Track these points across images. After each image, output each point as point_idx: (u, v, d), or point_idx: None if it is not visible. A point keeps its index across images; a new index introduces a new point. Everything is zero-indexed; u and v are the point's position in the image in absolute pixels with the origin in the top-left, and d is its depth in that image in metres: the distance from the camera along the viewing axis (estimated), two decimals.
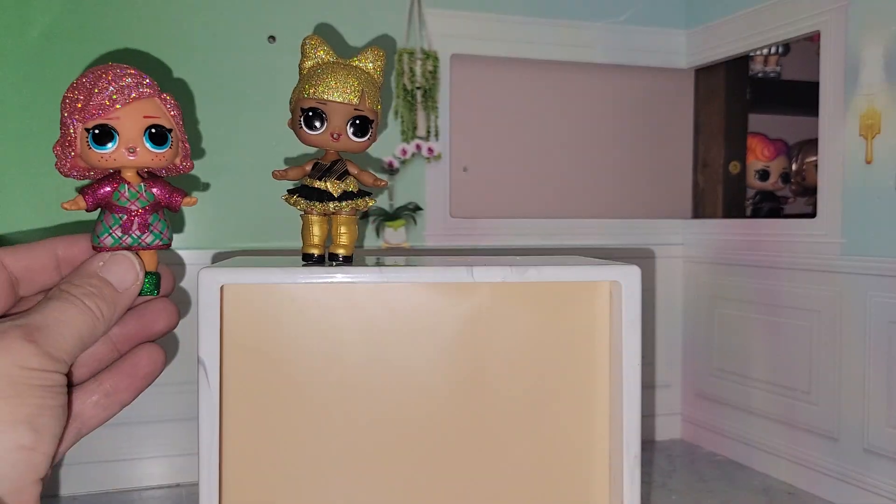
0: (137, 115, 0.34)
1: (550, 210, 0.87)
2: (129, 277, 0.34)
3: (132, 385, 0.35)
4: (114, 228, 0.35)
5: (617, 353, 0.43)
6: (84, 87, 0.34)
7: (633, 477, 0.43)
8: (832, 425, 0.70)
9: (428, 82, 0.79)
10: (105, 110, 0.34)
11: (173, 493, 0.72)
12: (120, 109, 0.34)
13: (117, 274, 0.34)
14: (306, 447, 0.42)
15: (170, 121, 0.35)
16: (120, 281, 0.33)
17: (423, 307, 0.43)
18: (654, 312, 0.88)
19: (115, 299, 0.33)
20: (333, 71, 0.40)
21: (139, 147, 0.34)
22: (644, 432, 0.83)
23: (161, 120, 0.35)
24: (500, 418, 0.44)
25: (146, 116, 0.34)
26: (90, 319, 0.31)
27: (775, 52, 0.98)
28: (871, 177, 0.66)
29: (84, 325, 0.31)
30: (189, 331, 0.47)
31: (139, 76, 0.35)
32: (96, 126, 0.34)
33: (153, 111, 0.35)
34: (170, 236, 0.37)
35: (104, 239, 0.35)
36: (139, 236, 0.36)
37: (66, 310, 0.31)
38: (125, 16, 0.71)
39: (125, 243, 0.35)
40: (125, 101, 0.34)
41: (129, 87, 0.34)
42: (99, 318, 0.32)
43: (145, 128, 0.34)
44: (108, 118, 0.34)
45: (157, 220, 0.36)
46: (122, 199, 0.35)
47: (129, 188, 0.35)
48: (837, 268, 0.69)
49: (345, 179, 0.41)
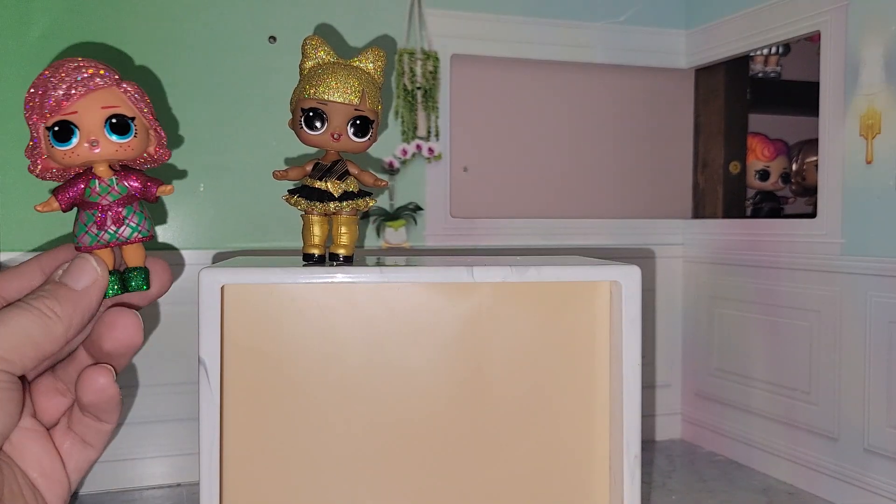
0: (95, 106, 0.33)
1: (550, 210, 0.87)
2: (85, 276, 0.34)
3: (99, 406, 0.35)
4: (89, 226, 0.35)
5: (617, 353, 0.43)
6: (40, 84, 0.33)
7: (633, 477, 0.43)
8: (832, 425, 0.70)
9: (428, 82, 0.79)
10: (61, 106, 0.33)
11: (174, 493, 0.72)
12: (77, 103, 0.33)
13: (72, 274, 0.33)
14: (307, 446, 0.42)
15: (132, 109, 0.34)
16: (76, 280, 0.33)
17: (423, 307, 0.43)
18: (654, 312, 0.88)
19: (72, 297, 0.33)
20: (334, 71, 0.40)
21: (101, 139, 0.33)
22: (644, 432, 0.83)
23: (121, 109, 0.34)
24: (500, 418, 0.44)
25: (104, 107, 0.34)
26: (38, 318, 0.31)
27: (775, 52, 0.98)
28: (871, 177, 0.66)
29: (30, 324, 0.31)
30: (189, 331, 0.47)
31: (94, 66, 0.34)
32: (55, 123, 0.33)
33: (112, 101, 0.34)
34: (149, 227, 0.36)
35: (82, 238, 0.35)
36: (116, 231, 0.35)
37: (9, 311, 0.31)
38: (125, 16, 0.71)
39: (103, 240, 0.35)
40: (81, 94, 0.33)
41: (84, 78, 0.33)
42: (52, 317, 0.32)
43: (105, 118, 0.34)
44: (65, 114, 0.33)
45: (133, 212, 0.35)
46: (94, 195, 0.35)
47: (99, 183, 0.35)
48: (837, 268, 0.69)
49: (345, 179, 0.41)
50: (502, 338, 0.44)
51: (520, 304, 0.44)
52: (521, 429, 0.44)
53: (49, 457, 0.33)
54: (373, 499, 0.43)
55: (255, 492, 0.42)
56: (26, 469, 0.33)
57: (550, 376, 0.44)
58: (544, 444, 0.44)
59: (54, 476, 0.33)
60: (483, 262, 0.43)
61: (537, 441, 0.44)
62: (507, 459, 0.44)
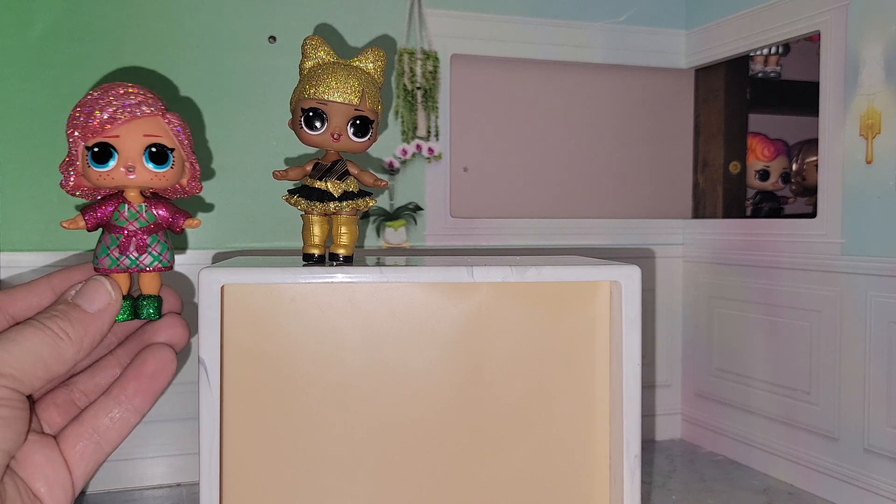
0: (137, 133, 0.34)
1: (550, 210, 0.87)
2: (99, 299, 0.33)
3: (140, 387, 0.35)
4: (111, 249, 0.35)
5: (617, 353, 0.43)
6: (87, 104, 0.34)
7: (633, 477, 0.43)
8: (832, 425, 0.70)
9: (428, 82, 0.79)
10: (105, 128, 0.33)
11: (174, 493, 0.72)
12: (120, 127, 0.34)
13: (86, 296, 0.33)
14: (306, 446, 0.42)
15: (172, 140, 0.35)
16: (89, 303, 0.33)
17: (423, 307, 0.43)
18: (654, 312, 0.88)
19: (85, 320, 0.33)
20: (334, 71, 0.40)
21: (138, 166, 0.34)
22: (644, 432, 0.83)
23: (162, 139, 0.34)
24: (499, 418, 0.44)
25: (146, 135, 0.34)
26: (50, 339, 0.31)
27: (775, 52, 0.98)
28: (871, 177, 0.66)
29: (42, 345, 0.31)
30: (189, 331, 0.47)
31: (143, 95, 0.34)
32: (96, 144, 0.34)
33: (154, 130, 0.34)
34: (170, 258, 0.36)
35: (102, 260, 0.35)
36: (137, 258, 0.35)
37: (22, 330, 0.31)
38: (125, 16, 0.71)
39: (123, 265, 0.35)
40: (126, 120, 0.34)
41: (131, 105, 0.34)
42: (63, 339, 0.31)
43: (145, 146, 0.34)
44: (107, 136, 0.34)
45: (157, 241, 0.36)
46: (121, 220, 0.35)
47: (128, 208, 0.35)
48: (837, 268, 0.69)
49: (345, 179, 0.41)
50: (502, 338, 0.44)
51: (520, 304, 0.44)
52: (521, 429, 0.44)
53: (53, 466, 0.33)
54: (372, 498, 0.43)
55: (255, 492, 0.42)
56: (31, 482, 0.32)
57: (550, 376, 0.44)
58: (544, 443, 0.44)
59: (59, 485, 0.33)
60: (483, 262, 0.43)
61: (537, 441, 0.44)
62: (507, 459, 0.44)
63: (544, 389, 0.44)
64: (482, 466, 0.44)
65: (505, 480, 0.44)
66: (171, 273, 0.39)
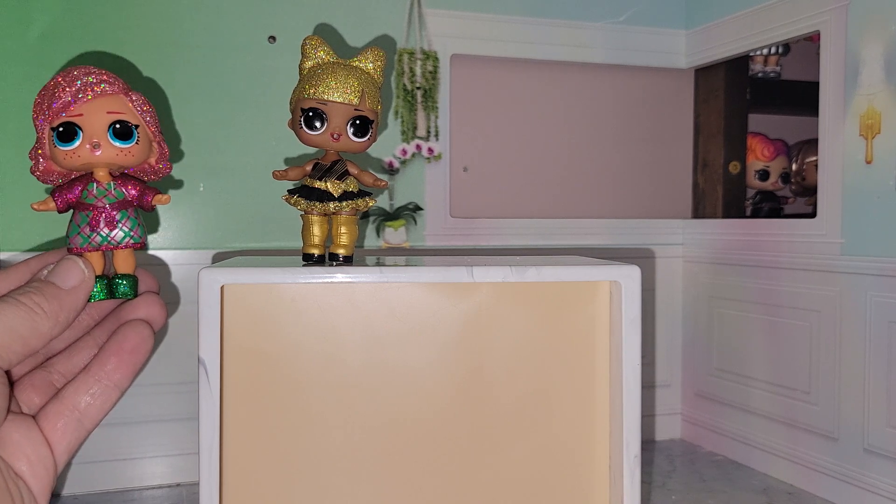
0: (101, 111, 0.34)
1: (550, 210, 0.87)
2: (72, 276, 0.34)
3: (120, 362, 0.35)
4: (82, 227, 0.35)
5: (617, 353, 0.43)
6: (49, 88, 0.34)
7: (633, 477, 0.43)
8: (832, 425, 0.70)
9: (428, 82, 0.79)
10: (68, 108, 0.34)
11: (174, 493, 0.72)
12: (83, 106, 0.34)
13: (59, 274, 0.34)
14: (306, 446, 0.42)
15: (136, 117, 0.35)
16: (63, 280, 0.34)
17: (423, 307, 0.43)
18: (654, 312, 0.88)
19: (59, 295, 0.33)
20: (334, 71, 0.40)
21: (103, 142, 0.34)
22: (644, 432, 0.83)
23: (126, 116, 0.35)
24: (499, 418, 0.44)
25: (110, 112, 0.34)
26: (25, 312, 0.31)
27: (775, 52, 0.98)
28: (871, 177, 0.66)
29: (17, 318, 0.31)
30: (189, 331, 0.47)
31: (105, 75, 0.35)
32: (60, 124, 0.34)
33: (118, 107, 0.35)
34: (141, 234, 0.37)
35: (74, 239, 0.35)
36: (108, 234, 0.35)
37: None
38: (125, 16, 0.71)
39: (94, 241, 0.35)
40: (87, 99, 0.34)
41: (92, 84, 0.34)
42: (38, 313, 0.32)
43: (109, 123, 0.34)
44: (71, 116, 0.34)
45: (126, 216, 0.36)
46: (90, 197, 0.35)
47: (97, 186, 0.35)
48: (837, 268, 0.69)
49: (345, 179, 0.41)
50: (502, 338, 0.44)
51: (520, 304, 0.44)
52: (521, 428, 0.44)
53: (34, 445, 0.33)
54: (372, 498, 0.43)
55: (255, 492, 0.42)
56: (12, 461, 0.32)
57: (550, 376, 0.44)
58: (544, 443, 0.44)
59: (40, 463, 0.33)
60: (483, 262, 0.43)
61: (537, 441, 0.44)
62: (507, 459, 0.44)
63: (544, 389, 0.44)
64: (482, 466, 0.44)
65: (505, 480, 0.44)
66: (170, 273, 0.39)
